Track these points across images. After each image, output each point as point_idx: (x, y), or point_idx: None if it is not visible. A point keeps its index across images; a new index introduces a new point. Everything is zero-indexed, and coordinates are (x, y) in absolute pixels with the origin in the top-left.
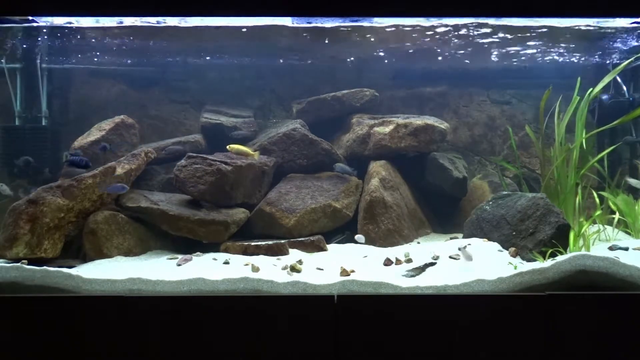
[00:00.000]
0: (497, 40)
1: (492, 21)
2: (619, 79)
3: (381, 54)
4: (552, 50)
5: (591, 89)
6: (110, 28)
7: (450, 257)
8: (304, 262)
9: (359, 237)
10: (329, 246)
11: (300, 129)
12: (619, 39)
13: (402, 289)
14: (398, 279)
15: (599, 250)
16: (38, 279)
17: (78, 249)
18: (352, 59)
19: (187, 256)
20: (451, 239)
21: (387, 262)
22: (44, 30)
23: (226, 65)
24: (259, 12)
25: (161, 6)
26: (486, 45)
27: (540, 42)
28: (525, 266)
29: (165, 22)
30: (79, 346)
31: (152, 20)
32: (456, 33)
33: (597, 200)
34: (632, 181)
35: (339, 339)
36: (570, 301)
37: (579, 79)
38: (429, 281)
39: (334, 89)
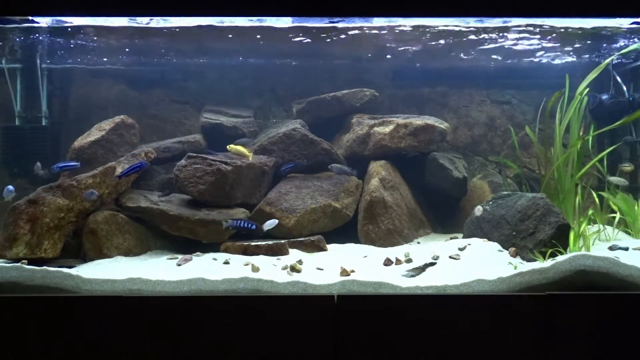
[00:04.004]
0: (498, 40)
1: (492, 21)
2: (618, 79)
3: (382, 53)
4: (553, 50)
5: (588, 89)
6: (110, 28)
7: (450, 257)
8: (304, 262)
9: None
10: (329, 246)
11: (300, 129)
12: (621, 38)
13: (402, 289)
14: (398, 279)
15: (599, 250)
16: (38, 279)
17: (78, 249)
18: (351, 59)
19: (187, 256)
20: (451, 239)
21: (387, 262)
22: (44, 30)
23: (226, 65)
24: (259, 12)
25: (162, 6)
26: (487, 45)
27: (541, 42)
28: (525, 266)
29: (169, 22)
30: (79, 346)
31: (147, 20)
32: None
33: (597, 200)
34: (613, 179)
35: (339, 339)
36: (570, 301)
37: (567, 76)
38: (429, 281)
39: (334, 89)
